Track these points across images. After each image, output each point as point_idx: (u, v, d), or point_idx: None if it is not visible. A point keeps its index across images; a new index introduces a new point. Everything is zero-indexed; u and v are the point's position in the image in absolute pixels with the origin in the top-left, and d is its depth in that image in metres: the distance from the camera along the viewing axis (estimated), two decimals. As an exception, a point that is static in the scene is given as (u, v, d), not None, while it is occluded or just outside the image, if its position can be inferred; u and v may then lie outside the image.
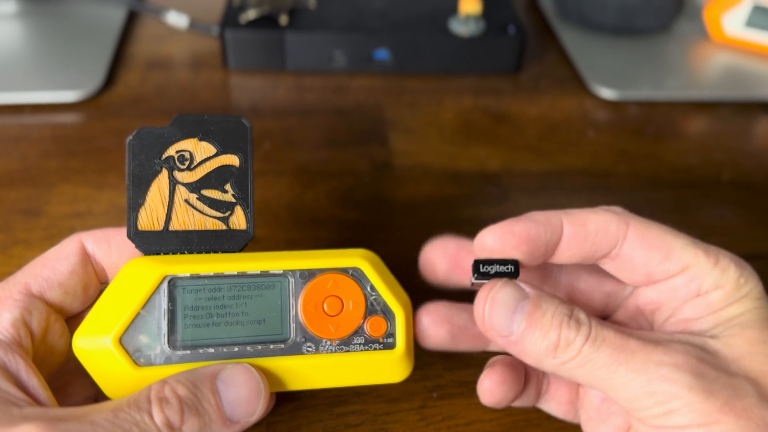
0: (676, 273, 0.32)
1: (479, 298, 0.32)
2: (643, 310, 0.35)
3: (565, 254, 0.33)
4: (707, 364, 0.29)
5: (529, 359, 0.31)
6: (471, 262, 0.33)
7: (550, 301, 0.31)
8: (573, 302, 0.36)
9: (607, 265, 0.34)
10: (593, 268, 0.36)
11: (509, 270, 0.32)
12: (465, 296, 0.37)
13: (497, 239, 0.32)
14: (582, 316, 0.30)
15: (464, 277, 0.37)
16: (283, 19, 0.61)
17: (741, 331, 0.30)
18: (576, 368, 0.30)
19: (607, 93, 0.62)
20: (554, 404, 0.37)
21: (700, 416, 0.28)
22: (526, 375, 0.35)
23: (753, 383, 0.29)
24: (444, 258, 0.37)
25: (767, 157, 0.58)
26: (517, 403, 0.36)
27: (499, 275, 0.32)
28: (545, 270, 0.38)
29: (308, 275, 0.33)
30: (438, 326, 0.35)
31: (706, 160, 0.57)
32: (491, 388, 0.34)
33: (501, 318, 0.31)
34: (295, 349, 0.32)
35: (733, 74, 0.66)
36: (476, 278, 0.32)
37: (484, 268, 0.32)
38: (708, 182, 0.55)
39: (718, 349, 0.30)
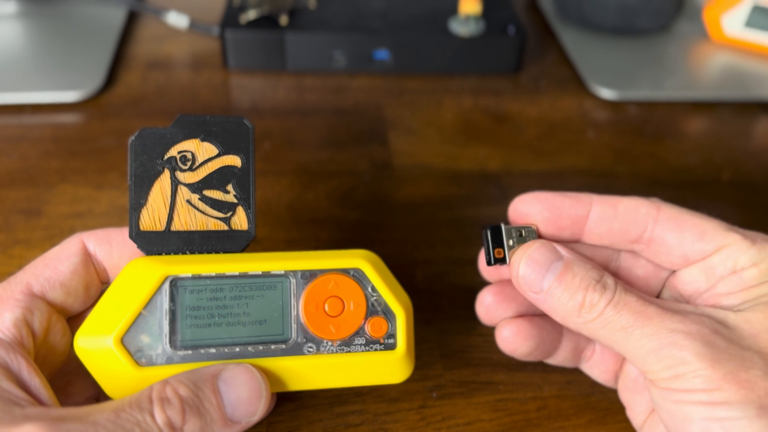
0: (712, 252, 0.33)
1: (516, 255, 0.34)
2: (681, 291, 0.35)
3: (594, 232, 0.35)
4: (720, 335, 0.30)
5: (557, 316, 0.33)
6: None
7: (582, 266, 0.32)
8: None
9: (643, 251, 0.36)
10: (632, 255, 0.37)
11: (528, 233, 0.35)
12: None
13: (525, 205, 0.36)
14: (610, 281, 0.32)
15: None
16: (283, 20, 0.61)
17: (765, 308, 0.31)
18: (597, 328, 0.31)
19: (607, 93, 0.62)
20: (597, 371, 0.39)
21: (704, 382, 0.29)
22: (562, 335, 0.38)
23: (764, 358, 0.29)
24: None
25: (767, 157, 0.58)
26: (552, 361, 0.39)
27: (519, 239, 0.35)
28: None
29: (309, 276, 0.33)
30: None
31: (706, 160, 0.57)
32: (509, 337, 0.37)
33: (533, 274, 0.33)
34: (296, 350, 0.33)
35: (733, 74, 0.66)
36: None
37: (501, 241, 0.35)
38: (708, 182, 0.55)
39: (737, 323, 0.30)
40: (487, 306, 0.38)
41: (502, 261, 0.35)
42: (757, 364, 0.29)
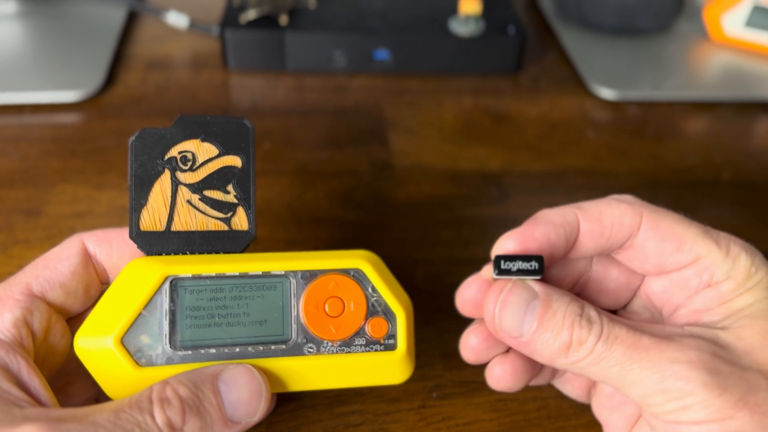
0: (687, 264, 0.32)
1: (489, 299, 0.32)
2: (653, 300, 0.35)
3: (581, 250, 0.33)
4: (720, 359, 0.29)
5: (542, 359, 0.31)
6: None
7: (560, 300, 0.30)
8: (587, 291, 0.36)
9: (619, 255, 0.34)
10: (606, 257, 0.36)
11: (533, 268, 0.31)
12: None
13: (518, 244, 0.32)
14: (593, 314, 0.30)
15: None
16: (283, 19, 0.61)
17: (752, 323, 0.30)
18: (589, 366, 0.30)
19: (607, 93, 0.62)
20: (569, 387, 0.37)
21: (714, 412, 0.28)
22: None
23: (766, 376, 0.29)
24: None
25: (767, 157, 0.58)
26: (531, 383, 0.36)
27: (522, 273, 0.31)
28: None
29: (309, 276, 0.33)
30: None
31: (706, 160, 0.57)
32: (500, 375, 0.34)
33: (511, 320, 0.31)
34: (296, 350, 0.32)
35: (733, 74, 0.66)
36: (497, 274, 0.31)
37: (506, 265, 0.31)
38: (708, 182, 0.55)
39: (730, 342, 0.30)
40: (474, 348, 0.34)
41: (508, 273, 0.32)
42: (762, 385, 0.28)
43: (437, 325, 0.42)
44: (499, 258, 0.31)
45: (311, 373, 0.33)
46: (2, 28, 0.64)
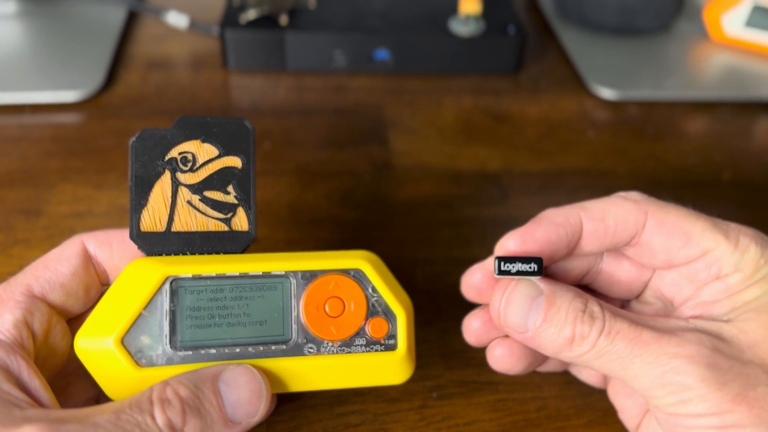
0: (696, 257, 0.32)
1: (495, 297, 0.33)
2: (664, 292, 0.35)
3: (585, 249, 0.34)
4: (720, 353, 0.29)
5: (547, 352, 0.32)
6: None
7: (564, 296, 0.31)
8: (598, 282, 0.37)
9: (627, 251, 0.35)
10: (613, 257, 0.36)
11: (532, 269, 0.32)
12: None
13: (519, 245, 0.33)
14: (596, 309, 0.31)
15: None
16: (283, 19, 0.61)
17: (757, 316, 0.30)
18: (593, 360, 0.31)
19: (607, 93, 0.62)
20: (585, 374, 0.38)
21: (713, 406, 0.28)
22: None
23: (766, 371, 0.29)
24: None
25: (767, 157, 0.58)
26: (542, 369, 0.38)
27: (521, 274, 0.32)
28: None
29: (310, 276, 0.33)
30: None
31: (706, 160, 0.57)
32: (500, 356, 0.35)
33: (516, 316, 0.32)
34: (296, 350, 0.32)
35: (733, 74, 0.66)
36: (498, 275, 0.32)
37: (505, 266, 0.32)
38: (708, 182, 0.55)
39: (732, 335, 0.30)
40: (475, 331, 0.36)
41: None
42: (762, 379, 0.29)
43: (437, 325, 0.43)
44: (499, 260, 0.32)
45: (311, 373, 0.33)
46: (2, 28, 0.64)
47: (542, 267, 0.32)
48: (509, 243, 0.33)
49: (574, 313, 0.31)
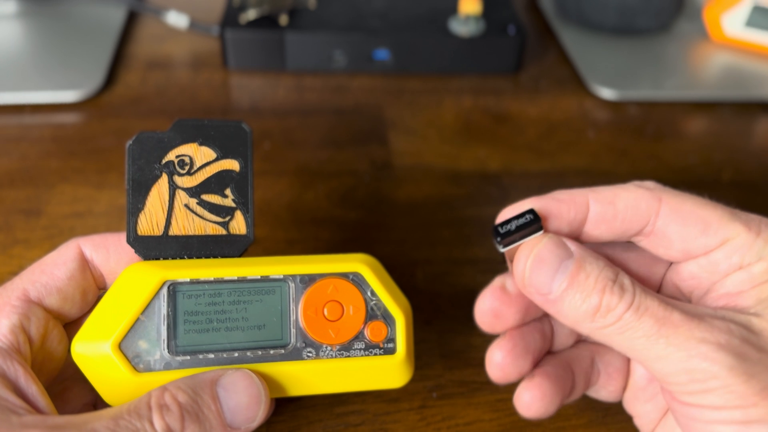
0: (715, 247, 0.31)
1: (521, 254, 0.31)
2: (681, 286, 0.33)
3: (593, 233, 0.32)
4: (750, 345, 0.28)
5: (567, 320, 0.30)
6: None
7: (594, 263, 0.30)
8: None
9: (642, 242, 0.33)
10: (631, 245, 0.35)
11: (529, 219, 0.31)
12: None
13: (515, 212, 0.32)
14: (627, 281, 0.29)
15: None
16: (283, 19, 0.61)
17: None
18: (613, 335, 0.29)
19: (607, 93, 0.62)
20: (605, 392, 0.36)
21: (737, 398, 0.27)
22: (573, 376, 0.34)
23: None
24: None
25: (767, 157, 0.58)
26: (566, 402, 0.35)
27: (521, 228, 0.31)
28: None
29: (308, 280, 0.33)
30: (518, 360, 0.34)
31: (706, 160, 0.57)
32: (530, 402, 0.33)
33: (542, 276, 0.30)
34: (295, 355, 0.32)
35: (733, 74, 0.66)
36: (500, 241, 0.31)
37: (503, 228, 0.31)
38: (708, 182, 0.55)
39: (763, 328, 0.28)
40: (499, 364, 0.33)
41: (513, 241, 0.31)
42: None
43: (437, 325, 0.43)
44: (495, 227, 0.31)
45: (310, 377, 0.33)
46: (2, 28, 0.64)
47: (538, 216, 0.31)
48: (508, 214, 0.32)
49: (603, 281, 0.29)
